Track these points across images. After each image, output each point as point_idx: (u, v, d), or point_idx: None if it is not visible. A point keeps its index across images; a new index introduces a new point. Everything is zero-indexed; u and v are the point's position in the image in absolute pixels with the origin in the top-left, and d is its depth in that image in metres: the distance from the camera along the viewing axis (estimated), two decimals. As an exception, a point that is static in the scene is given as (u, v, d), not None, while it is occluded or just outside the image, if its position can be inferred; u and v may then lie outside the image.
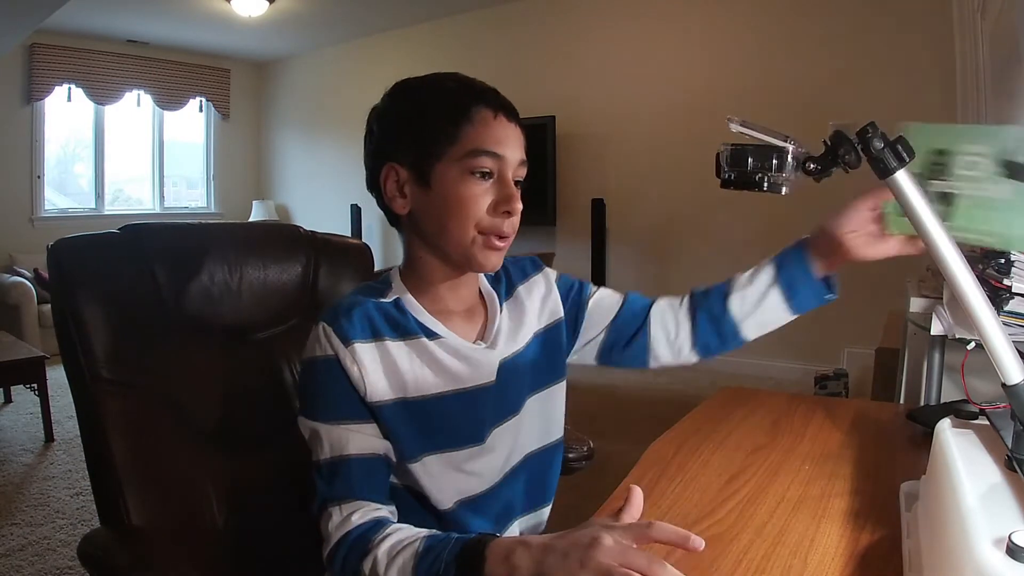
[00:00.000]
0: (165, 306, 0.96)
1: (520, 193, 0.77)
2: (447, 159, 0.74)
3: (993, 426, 0.64)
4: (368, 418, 0.74)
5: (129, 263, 0.95)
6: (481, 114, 0.75)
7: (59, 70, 5.68)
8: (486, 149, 0.74)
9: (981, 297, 0.61)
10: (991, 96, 2.31)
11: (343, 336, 0.74)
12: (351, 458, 0.72)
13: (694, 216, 4.35)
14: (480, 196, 0.75)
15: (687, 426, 1.06)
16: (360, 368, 0.74)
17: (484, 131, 0.75)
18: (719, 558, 0.67)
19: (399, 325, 0.78)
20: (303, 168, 6.80)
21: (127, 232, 0.98)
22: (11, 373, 3.23)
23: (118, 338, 0.91)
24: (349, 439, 0.73)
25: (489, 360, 0.81)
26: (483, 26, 5.36)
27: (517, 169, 0.77)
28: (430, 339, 0.79)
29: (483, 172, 0.74)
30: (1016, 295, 1.10)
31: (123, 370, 0.91)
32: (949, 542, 0.52)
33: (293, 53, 6.74)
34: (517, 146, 0.77)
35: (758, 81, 4.07)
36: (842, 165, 0.63)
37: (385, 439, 0.75)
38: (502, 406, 0.83)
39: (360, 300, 0.79)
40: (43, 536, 2.27)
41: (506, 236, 0.77)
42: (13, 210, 5.53)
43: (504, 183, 0.76)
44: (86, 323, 0.88)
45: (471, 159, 0.74)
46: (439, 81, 0.78)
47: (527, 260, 0.93)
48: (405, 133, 0.77)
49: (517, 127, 0.78)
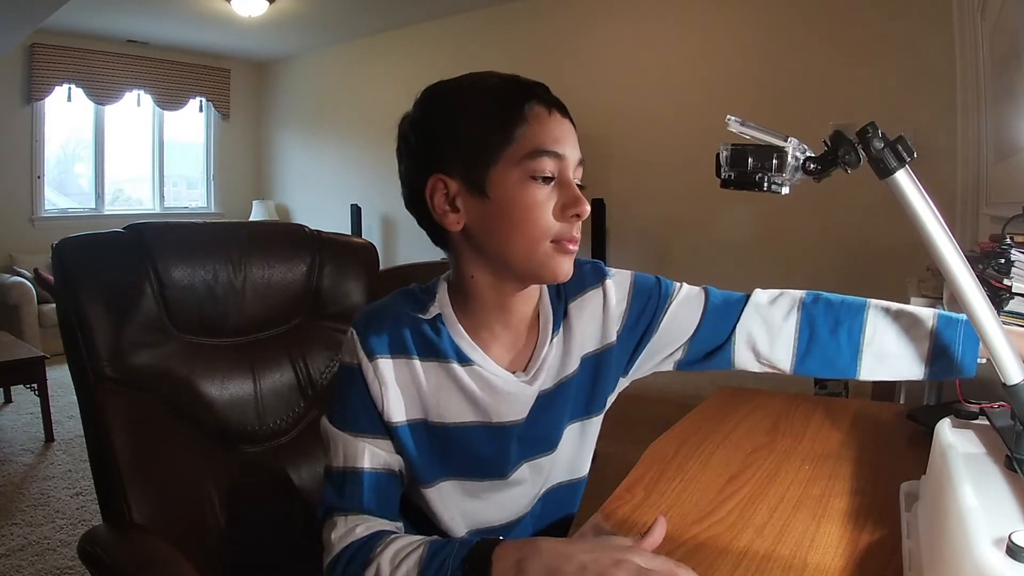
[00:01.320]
0: (168, 305, 0.97)
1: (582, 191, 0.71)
2: (504, 163, 0.67)
3: (993, 426, 0.64)
4: (384, 435, 0.71)
5: (132, 262, 0.96)
6: (535, 111, 0.68)
7: (59, 70, 5.68)
8: (546, 149, 0.67)
9: (981, 297, 0.61)
10: (991, 96, 2.31)
11: (368, 350, 0.71)
12: (363, 472, 0.70)
13: (694, 216, 4.35)
14: (546, 201, 0.68)
15: (687, 426, 1.06)
16: (381, 385, 0.70)
17: (541, 129, 0.68)
18: (719, 558, 0.67)
19: (431, 345, 0.72)
20: (303, 168, 6.80)
21: (130, 231, 0.98)
22: (11, 373, 3.23)
23: (121, 337, 0.91)
24: (364, 452, 0.70)
25: (524, 396, 0.74)
26: (483, 26, 5.36)
27: (576, 169, 0.71)
28: (462, 364, 0.72)
29: (545, 176, 0.68)
30: (1016, 295, 1.10)
31: (126, 369, 0.91)
32: (949, 542, 0.52)
33: (293, 53, 6.73)
34: (575, 144, 0.71)
35: (758, 81, 4.07)
36: (842, 165, 0.63)
37: (399, 455, 0.72)
38: (534, 443, 0.76)
39: (397, 310, 0.74)
40: (43, 536, 2.28)
41: (577, 240, 0.70)
42: (13, 210, 5.53)
43: (567, 184, 0.69)
44: (89, 322, 0.89)
45: (531, 161, 0.67)
46: (481, 79, 0.72)
47: (589, 267, 0.82)
48: (451, 139, 0.69)
49: (572, 124, 0.72)
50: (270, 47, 6.49)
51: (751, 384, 1.41)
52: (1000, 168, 2.19)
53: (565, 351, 0.78)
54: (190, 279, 0.99)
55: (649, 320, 0.80)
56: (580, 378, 0.78)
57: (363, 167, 6.13)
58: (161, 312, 0.96)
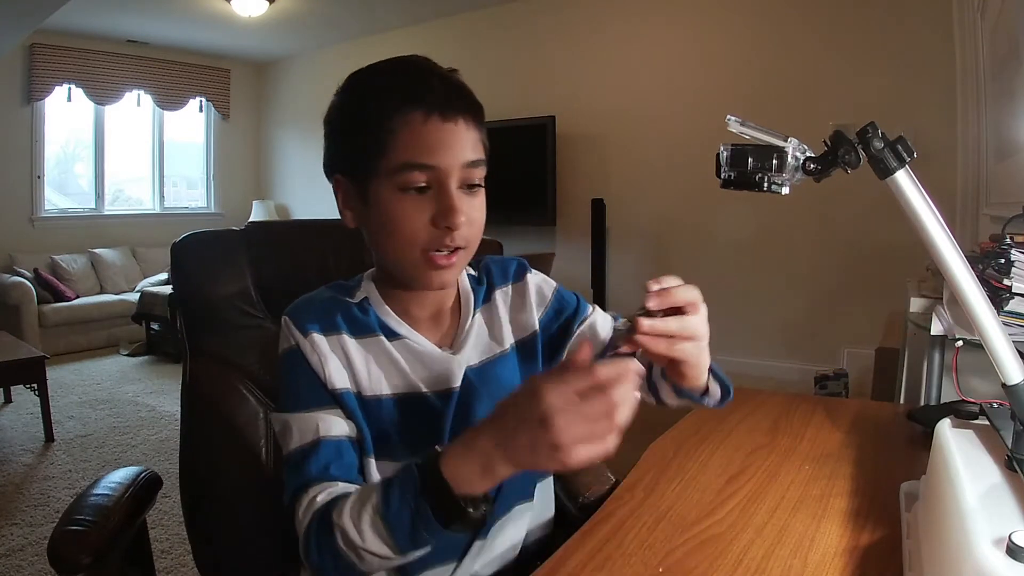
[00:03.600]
0: (251, 299, 1.05)
1: (477, 196, 0.70)
2: (380, 175, 0.68)
3: (993, 426, 0.64)
4: (333, 404, 0.71)
5: (235, 255, 1.06)
6: (407, 119, 0.67)
7: (59, 70, 5.67)
8: (415, 162, 0.66)
9: (981, 297, 0.61)
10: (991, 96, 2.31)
11: (301, 327, 0.72)
12: (320, 440, 0.69)
13: (694, 216, 4.35)
14: (416, 213, 0.67)
15: (687, 426, 1.06)
16: (320, 356, 0.71)
17: (411, 140, 0.66)
18: (719, 558, 0.67)
19: (358, 323, 0.75)
20: (303, 168, 6.80)
21: (240, 231, 1.09)
22: (11, 373, 3.23)
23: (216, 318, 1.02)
24: (317, 423, 0.70)
25: (449, 365, 0.75)
26: (483, 26, 5.36)
27: (464, 173, 0.68)
28: (389, 339, 0.75)
29: (418, 187, 0.67)
30: (1016, 295, 1.10)
31: (219, 345, 1.02)
32: (949, 542, 0.52)
33: (293, 53, 6.74)
34: (460, 147, 0.68)
35: (758, 81, 4.07)
36: (842, 165, 0.63)
37: (351, 421, 0.72)
38: (470, 419, 0.75)
39: (324, 296, 0.77)
40: (43, 536, 2.27)
41: (456, 249, 0.69)
42: (13, 210, 5.53)
43: (444, 194, 0.67)
44: (190, 304, 1.02)
45: (401, 175, 0.67)
46: (376, 75, 0.71)
47: (513, 263, 0.86)
48: (342, 144, 0.73)
49: (462, 122, 0.68)
50: (270, 47, 6.49)
51: (751, 384, 1.41)
52: (1000, 168, 2.19)
53: (491, 329, 0.81)
54: (284, 270, 1.08)
55: (564, 326, 0.84)
56: (512, 362, 0.80)
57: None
58: (257, 299, 1.05)
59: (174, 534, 2.26)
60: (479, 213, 0.71)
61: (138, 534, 0.92)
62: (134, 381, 4.36)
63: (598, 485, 0.96)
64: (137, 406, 3.81)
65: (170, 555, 2.16)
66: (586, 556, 0.68)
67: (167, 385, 4.19)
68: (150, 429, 3.41)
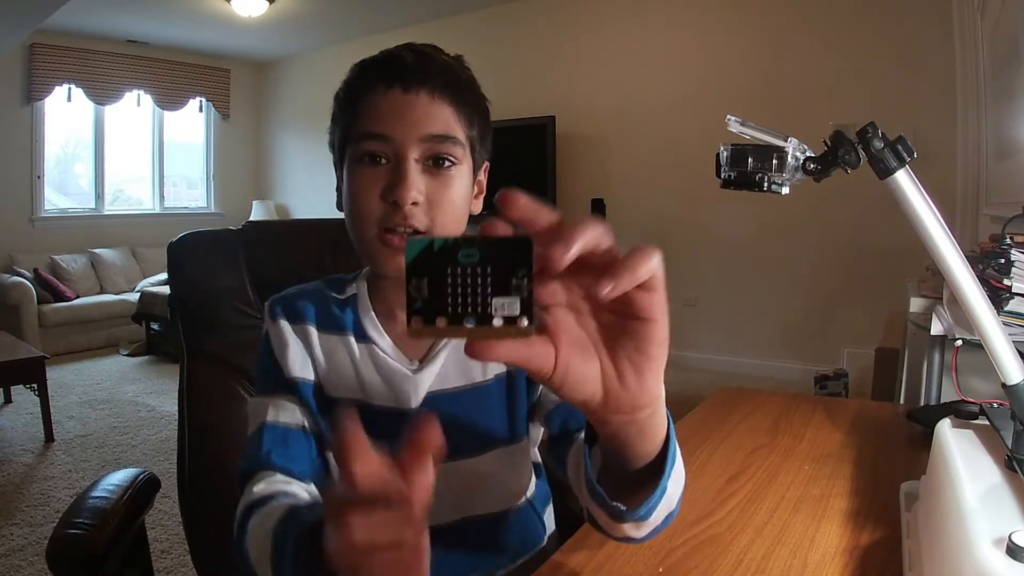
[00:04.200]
0: (249, 299, 1.05)
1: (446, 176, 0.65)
2: (348, 148, 0.68)
3: (993, 426, 0.64)
4: (289, 392, 0.69)
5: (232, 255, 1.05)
6: (372, 90, 0.66)
7: (59, 70, 5.68)
8: (369, 131, 0.65)
9: (981, 297, 0.61)
10: (991, 96, 2.31)
11: (273, 315, 0.72)
12: (265, 425, 0.67)
13: (694, 216, 4.35)
14: (369, 185, 0.65)
15: (687, 426, 1.06)
16: (281, 344, 0.70)
17: (371, 110, 0.65)
18: (719, 558, 0.67)
19: (331, 318, 0.72)
20: (303, 168, 6.80)
21: (236, 231, 1.09)
22: (11, 373, 3.23)
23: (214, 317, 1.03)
24: (267, 408, 0.68)
25: (405, 384, 0.69)
26: (483, 26, 5.36)
27: (427, 147, 0.65)
28: (359, 340, 0.71)
29: (371, 155, 0.65)
30: (1016, 295, 1.09)
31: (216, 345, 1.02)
32: (949, 542, 0.52)
33: (293, 53, 6.74)
34: (420, 119, 0.65)
35: (758, 81, 4.07)
36: (842, 165, 0.63)
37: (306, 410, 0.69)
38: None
39: (311, 288, 0.75)
40: (43, 536, 2.27)
41: (403, 232, 0.64)
42: (13, 210, 5.53)
43: (398, 166, 0.64)
44: (188, 304, 1.04)
45: (359, 144, 0.66)
46: (362, 60, 0.70)
47: None
48: (331, 127, 0.72)
49: (425, 95, 0.65)
50: (270, 47, 6.50)
51: (751, 384, 1.41)
52: (1000, 168, 2.19)
53: None
54: (282, 270, 1.07)
55: None
56: (495, 396, 0.72)
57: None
58: (255, 299, 1.05)
59: (174, 534, 2.26)
60: (449, 194, 0.66)
61: (137, 535, 0.92)
62: (134, 381, 4.36)
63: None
64: (137, 406, 3.81)
65: (170, 555, 2.16)
66: (586, 556, 0.68)
67: (167, 385, 4.19)
68: (150, 429, 3.41)
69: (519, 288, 0.31)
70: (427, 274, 0.31)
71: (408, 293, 0.31)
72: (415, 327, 0.31)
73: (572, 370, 0.36)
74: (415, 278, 0.31)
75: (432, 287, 0.30)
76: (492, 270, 0.31)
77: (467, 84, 0.70)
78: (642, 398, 0.38)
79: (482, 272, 0.30)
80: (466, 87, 0.69)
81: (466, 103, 0.69)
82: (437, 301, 0.30)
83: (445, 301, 0.30)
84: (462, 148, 0.67)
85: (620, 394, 0.37)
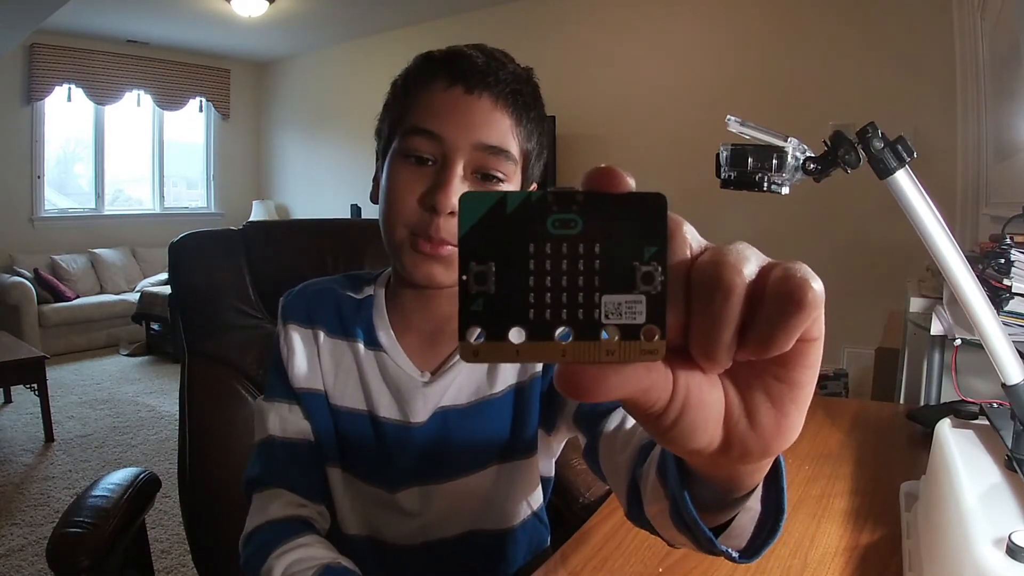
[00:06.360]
0: (249, 299, 1.05)
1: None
2: (396, 140, 0.63)
3: (993, 426, 0.64)
4: (294, 400, 0.69)
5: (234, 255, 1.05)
6: (431, 84, 0.61)
7: (59, 70, 5.67)
8: (419, 127, 0.60)
9: (981, 297, 0.61)
10: (991, 96, 2.31)
11: (284, 316, 0.71)
12: (275, 440, 0.66)
13: (694, 216, 4.23)
14: (411, 185, 0.60)
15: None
16: (288, 350, 0.69)
17: (426, 103, 0.61)
18: (719, 558, 0.67)
19: (344, 322, 0.69)
20: (303, 168, 6.79)
21: (238, 231, 1.08)
22: (11, 373, 3.23)
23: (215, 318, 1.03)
24: (276, 419, 0.67)
25: (418, 395, 0.66)
26: (483, 26, 5.36)
27: (478, 156, 0.60)
28: (369, 347, 0.68)
29: (418, 156, 0.60)
30: (1016, 295, 1.09)
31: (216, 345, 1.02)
32: (949, 542, 0.52)
33: (293, 53, 6.73)
34: (477, 124, 0.60)
35: (758, 81, 4.07)
36: (842, 165, 0.63)
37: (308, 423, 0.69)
38: (432, 464, 0.66)
39: (328, 286, 0.73)
40: (43, 536, 2.27)
41: (438, 241, 0.60)
42: (13, 210, 5.53)
43: (445, 170, 0.59)
44: (188, 305, 1.03)
45: (407, 139, 0.61)
46: (428, 51, 0.66)
47: None
48: (381, 117, 0.68)
49: (490, 100, 0.61)
50: (270, 47, 6.49)
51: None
52: (1000, 168, 2.19)
53: (489, 367, 0.68)
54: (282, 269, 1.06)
55: None
56: (504, 408, 0.68)
57: (363, 167, 6.13)
58: (255, 299, 1.05)
59: (174, 534, 2.26)
60: (452, 205, 0.59)
61: (137, 535, 0.92)
62: (134, 381, 4.36)
63: (598, 485, 0.96)
64: (137, 406, 3.81)
65: (170, 555, 2.15)
66: (586, 556, 0.68)
67: (167, 385, 4.19)
68: (150, 429, 3.41)
69: (647, 278, 0.19)
70: (494, 254, 0.19)
71: (462, 287, 0.19)
72: (473, 345, 0.19)
73: (692, 403, 0.23)
74: (475, 260, 0.19)
75: (503, 276, 0.19)
76: (602, 249, 0.19)
77: (532, 97, 0.66)
78: (778, 440, 0.25)
79: (586, 251, 0.19)
80: (531, 100, 0.65)
81: (527, 117, 0.65)
82: (511, 299, 0.19)
83: (525, 299, 0.19)
84: (514, 164, 0.63)
85: (748, 438, 0.25)
